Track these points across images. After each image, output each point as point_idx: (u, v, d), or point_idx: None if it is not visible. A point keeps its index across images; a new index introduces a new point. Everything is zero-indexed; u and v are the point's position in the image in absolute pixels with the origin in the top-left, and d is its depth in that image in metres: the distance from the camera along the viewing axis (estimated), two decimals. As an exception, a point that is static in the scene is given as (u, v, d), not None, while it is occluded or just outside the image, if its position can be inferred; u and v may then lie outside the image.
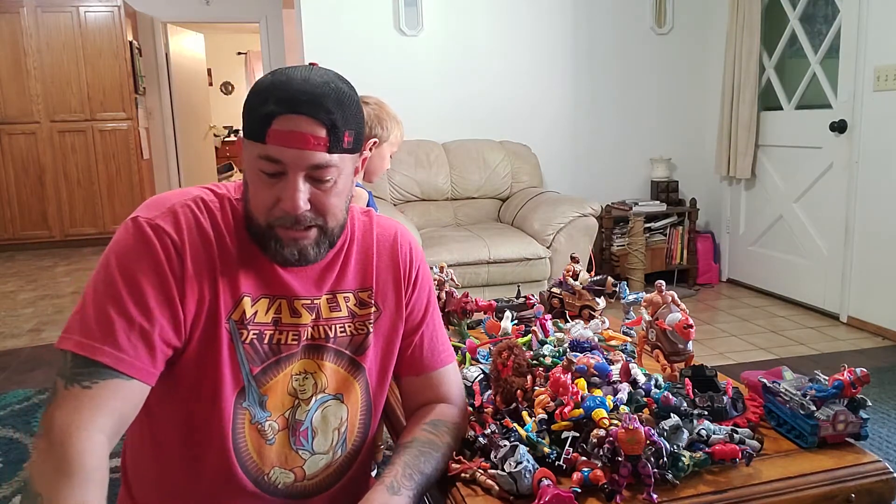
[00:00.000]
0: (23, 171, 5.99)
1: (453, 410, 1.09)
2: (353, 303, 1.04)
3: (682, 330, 1.22)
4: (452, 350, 1.17)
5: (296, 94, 0.87)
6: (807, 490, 0.99)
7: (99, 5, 5.91)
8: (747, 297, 4.18)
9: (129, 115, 6.11)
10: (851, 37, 3.44)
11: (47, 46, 5.87)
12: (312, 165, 0.89)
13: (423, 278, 1.13)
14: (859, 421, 1.07)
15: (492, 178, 4.11)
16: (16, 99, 5.89)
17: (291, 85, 0.88)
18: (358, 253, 1.06)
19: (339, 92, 0.90)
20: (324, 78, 0.90)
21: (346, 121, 0.90)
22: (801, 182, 3.86)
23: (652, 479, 0.94)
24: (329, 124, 0.88)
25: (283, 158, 0.88)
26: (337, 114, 0.89)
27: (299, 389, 1.00)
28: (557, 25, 4.32)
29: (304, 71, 0.91)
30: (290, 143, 0.87)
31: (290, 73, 0.90)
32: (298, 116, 0.87)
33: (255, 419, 0.97)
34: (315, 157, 0.88)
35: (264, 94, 0.88)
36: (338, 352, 1.03)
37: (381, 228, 1.10)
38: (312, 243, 0.94)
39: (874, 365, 2.96)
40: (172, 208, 0.93)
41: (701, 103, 4.57)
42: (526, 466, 0.96)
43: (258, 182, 0.91)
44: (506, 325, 1.55)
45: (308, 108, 0.87)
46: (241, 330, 0.95)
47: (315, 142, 0.88)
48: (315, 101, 0.88)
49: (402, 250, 1.10)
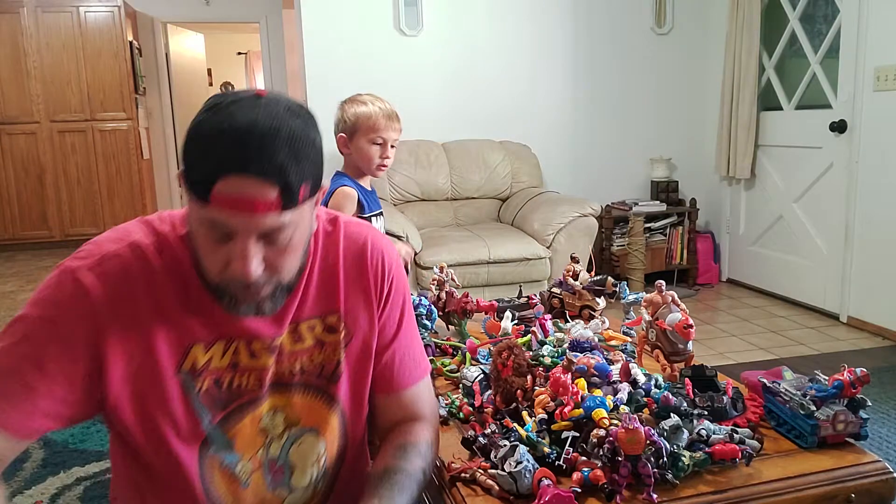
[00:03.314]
0: (23, 171, 5.99)
1: (425, 430, 1.03)
2: (319, 330, 0.95)
3: (682, 330, 1.23)
4: (427, 362, 1.10)
5: (241, 147, 0.75)
6: (807, 490, 0.99)
7: (99, 5, 5.91)
8: (747, 297, 4.18)
9: (129, 115, 6.11)
10: (851, 37, 3.44)
11: (47, 46, 5.87)
12: (263, 231, 0.79)
13: (397, 288, 1.02)
14: (859, 421, 1.07)
15: (492, 178, 4.11)
16: (16, 99, 5.89)
17: (235, 134, 0.75)
18: (322, 273, 0.96)
19: (293, 136, 0.77)
20: (273, 119, 0.77)
21: (301, 172, 0.78)
22: (801, 182, 3.86)
23: (652, 479, 0.94)
24: (282, 184, 0.76)
25: (230, 224, 0.77)
26: (291, 167, 0.77)
27: (270, 426, 0.93)
28: (557, 25, 4.32)
29: (249, 109, 0.77)
30: (236, 208, 0.76)
31: (233, 116, 0.76)
32: (245, 178, 0.75)
33: (225, 464, 0.90)
34: (266, 220, 0.78)
35: (204, 145, 0.76)
36: (307, 384, 0.95)
37: (348, 240, 0.99)
38: (268, 298, 0.85)
39: (874, 365, 2.96)
40: (102, 259, 0.83)
41: (701, 103, 4.57)
42: (526, 466, 0.96)
43: (205, 243, 0.81)
44: (506, 325, 1.55)
45: (256, 166, 0.75)
46: (195, 380, 0.87)
47: (265, 205, 0.76)
48: (264, 155, 0.75)
49: (373, 261, 0.99)
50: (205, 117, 0.78)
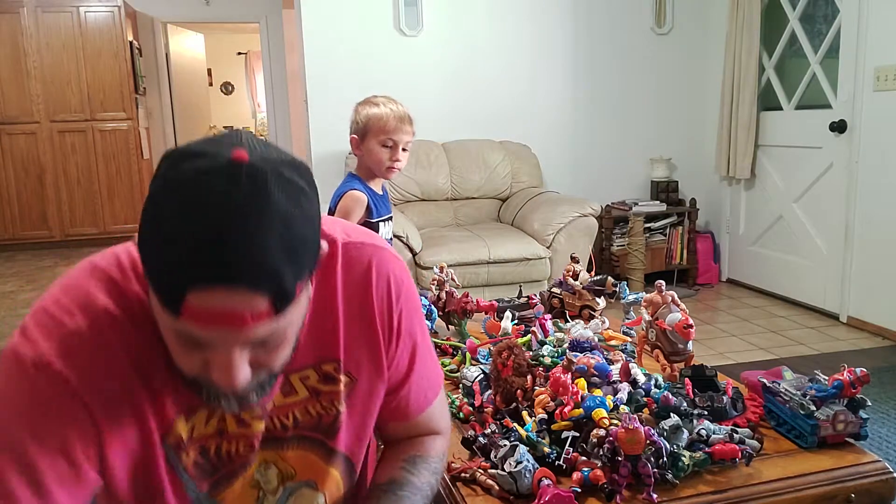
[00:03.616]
0: (23, 171, 5.99)
1: (438, 442, 0.95)
2: (313, 380, 0.82)
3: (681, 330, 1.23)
4: (440, 374, 0.98)
5: (218, 254, 0.57)
6: (806, 490, 0.99)
7: (99, 5, 5.91)
8: (747, 297, 4.18)
9: (130, 115, 6.11)
10: (851, 37, 3.44)
11: (47, 46, 5.87)
12: (251, 340, 0.64)
13: (408, 315, 0.87)
14: (859, 421, 1.07)
15: (492, 178, 4.11)
16: (16, 99, 5.89)
17: (210, 235, 0.57)
18: (316, 315, 0.80)
19: (288, 227, 0.60)
20: (262, 207, 0.58)
21: (298, 270, 0.62)
22: (800, 182, 3.86)
23: (652, 479, 0.94)
24: (275, 291, 0.61)
25: (208, 338, 0.63)
26: (286, 269, 0.60)
27: (263, 481, 0.83)
28: (557, 25, 4.32)
29: (226, 192, 0.58)
30: (216, 323, 0.60)
31: (205, 205, 0.57)
32: (226, 289, 0.59)
33: None
34: (254, 331, 0.62)
35: (168, 246, 0.58)
36: (302, 437, 0.83)
37: (347, 268, 0.82)
38: (255, 388, 0.71)
39: (874, 365, 2.96)
40: (65, 338, 0.68)
41: (701, 103, 4.57)
42: (526, 466, 0.96)
43: (174, 346, 0.67)
44: (506, 325, 1.55)
45: (241, 276, 0.58)
46: (180, 454, 0.76)
47: (254, 317, 0.61)
48: (250, 261, 0.58)
49: (378, 291, 0.83)
50: (164, 200, 0.59)
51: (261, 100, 10.06)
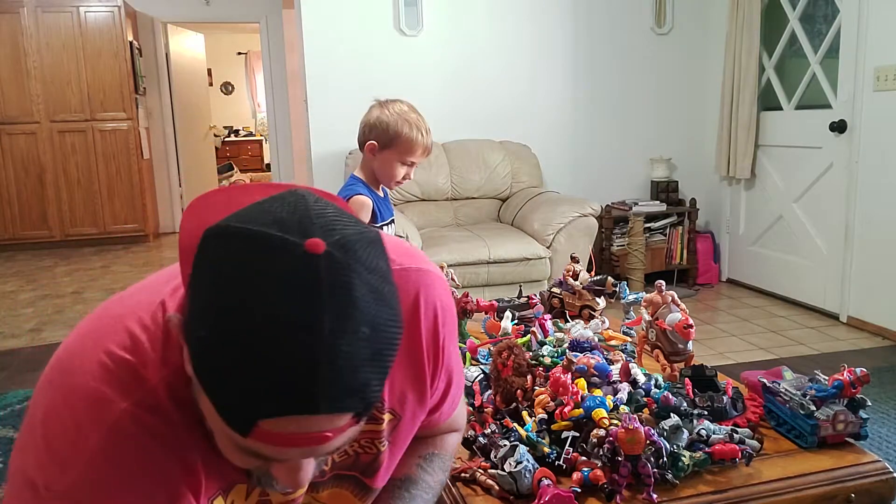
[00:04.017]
0: (23, 171, 5.99)
1: (454, 439, 0.95)
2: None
3: (682, 330, 1.23)
4: (462, 375, 0.94)
5: (304, 383, 0.50)
6: (807, 490, 0.99)
7: (99, 5, 5.91)
8: (747, 297, 4.18)
9: (130, 115, 6.11)
10: (851, 37, 3.43)
11: (47, 46, 5.87)
12: (328, 451, 0.58)
13: (450, 341, 0.82)
14: (859, 421, 1.07)
15: (492, 178, 4.11)
16: (16, 99, 5.89)
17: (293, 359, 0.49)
18: None
19: (376, 327, 0.53)
20: (349, 304, 0.51)
21: (385, 372, 0.55)
22: (800, 182, 3.86)
23: (652, 479, 0.94)
24: (360, 407, 0.54)
25: (279, 457, 0.57)
26: (374, 384, 0.54)
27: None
28: (557, 25, 4.32)
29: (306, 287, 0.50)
30: (290, 445, 0.54)
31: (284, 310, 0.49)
32: (309, 418, 0.52)
33: None
34: (333, 445, 0.56)
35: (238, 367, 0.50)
36: (339, 476, 0.79)
37: None
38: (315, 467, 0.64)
39: (874, 365, 2.96)
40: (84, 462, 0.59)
41: (701, 103, 4.57)
42: (526, 466, 0.96)
43: (230, 446, 0.58)
44: (506, 325, 1.55)
45: (331, 404, 0.51)
46: None
47: (336, 432, 0.54)
48: (339, 387, 0.51)
49: (427, 324, 0.77)
50: (227, 314, 0.50)
51: (261, 100, 10.07)
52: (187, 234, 0.58)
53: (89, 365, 0.61)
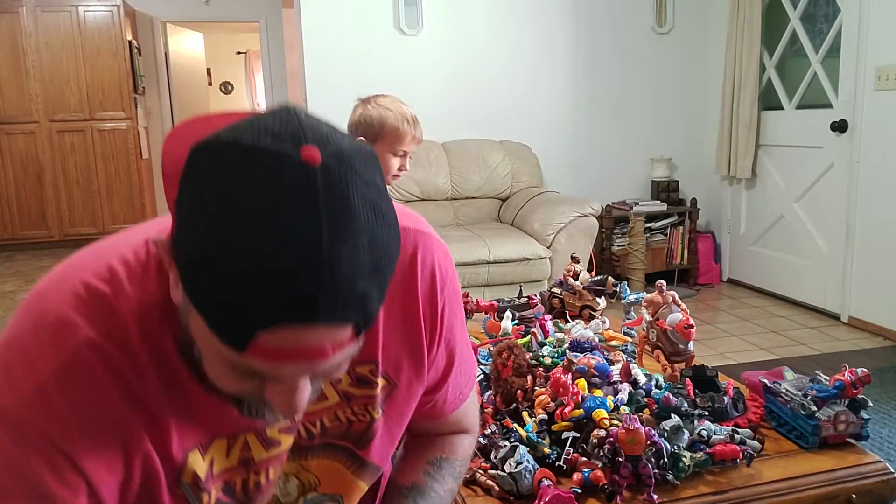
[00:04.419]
0: (22, 171, 5.99)
1: (465, 443, 0.88)
2: (346, 383, 0.73)
3: (682, 330, 1.22)
4: (475, 366, 0.89)
5: (302, 289, 0.48)
6: (808, 490, 0.99)
7: (98, 5, 5.90)
8: (748, 297, 4.17)
9: (129, 115, 6.11)
10: (852, 36, 3.43)
11: (46, 46, 5.86)
12: (326, 371, 0.56)
13: (451, 306, 0.78)
14: (860, 421, 1.06)
15: (492, 178, 4.10)
16: (15, 98, 5.88)
17: (291, 265, 0.47)
18: None
19: (374, 238, 0.51)
20: (346, 214, 0.49)
21: (384, 287, 0.54)
22: (801, 182, 3.85)
23: (652, 480, 0.94)
24: (361, 319, 0.53)
25: (276, 375, 0.54)
26: (374, 295, 0.52)
27: (281, 493, 0.75)
28: (557, 25, 4.31)
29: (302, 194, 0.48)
30: (289, 360, 0.52)
31: (280, 217, 0.47)
32: (308, 327, 0.50)
33: None
34: (331, 362, 0.54)
35: (231, 274, 0.48)
36: (329, 445, 0.74)
37: None
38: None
39: (875, 365, 2.95)
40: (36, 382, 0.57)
41: (701, 103, 4.56)
42: (526, 467, 0.96)
43: (223, 368, 0.56)
44: (506, 325, 1.55)
45: (330, 313, 0.49)
46: (200, 495, 0.66)
47: (335, 347, 0.53)
48: (339, 294, 0.49)
49: (424, 286, 0.74)
50: (218, 223, 0.48)
51: (260, 99, 10.06)
52: (171, 158, 0.56)
53: (64, 294, 0.60)
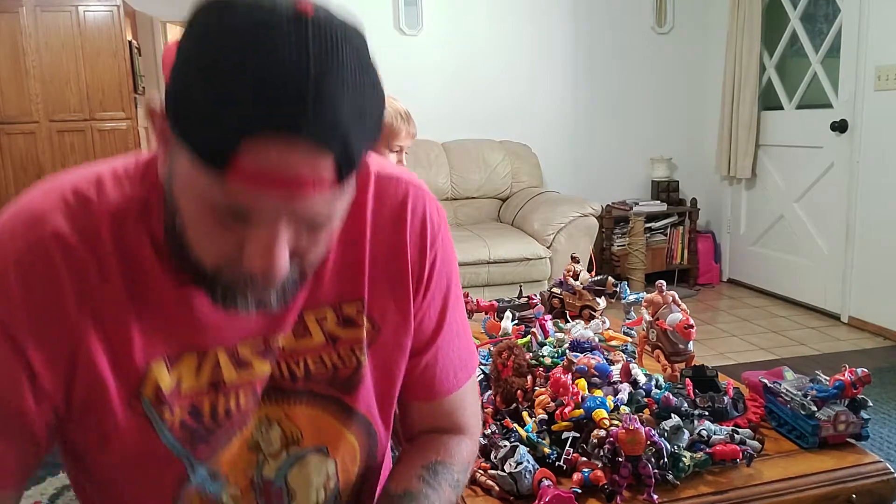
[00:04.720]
0: (21, 171, 5.99)
1: (463, 448, 0.81)
2: (331, 323, 0.71)
3: (682, 330, 1.22)
4: (475, 355, 0.86)
5: (288, 95, 0.49)
6: (808, 490, 0.98)
7: (98, 5, 5.91)
8: (748, 297, 4.17)
9: (129, 115, 6.11)
10: (852, 36, 3.43)
11: (46, 46, 5.86)
12: (302, 216, 0.55)
13: (443, 262, 0.77)
14: (860, 421, 1.06)
15: (492, 178, 4.11)
16: (15, 98, 5.88)
17: (282, 77, 0.49)
18: (340, 246, 0.70)
19: (358, 82, 0.53)
20: (333, 56, 0.51)
21: (365, 133, 0.54)
22: (801, 182, 3.85)
23: (652, 480, 0.94)
24: (340, 153, 0.53)
25: (255, 206, 0.53)
26: (354, 128, 0.53)
27: (263, 442, 0.71)
28: (557, 25, 4.31)
29: (295, 40, 0.50)
30: (271, 185, 0.52)
31: (274, 48, 0.49)
32: (289, 142, 0.50)
33: (208, 493, 0.70)
34: (311, 204, 0.54)
35: (225, 80, 0.49)
36: (314, 393, 0.72)
37: (379, 201, 0.72)
38: (279, 290, 0.61)
39: (875, 365, 2.95)
40: (4, 274, 0.59)
41: (701, 103, 4.56)
42: (526, 467, 0.96)
43: (200, 222, 0.56)
44: (506, 325, 1.55)
45: (311, 126, 0.50)
46: (162, 412, 0.64)
47: (315, 184, 0.53)
48: (323, 111, 0.50)
49: (413, 230, 0.73)
50: (216, 48, 0.50)
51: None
52: (170, 51, 0.63)
53: (49, 194, 0.62)
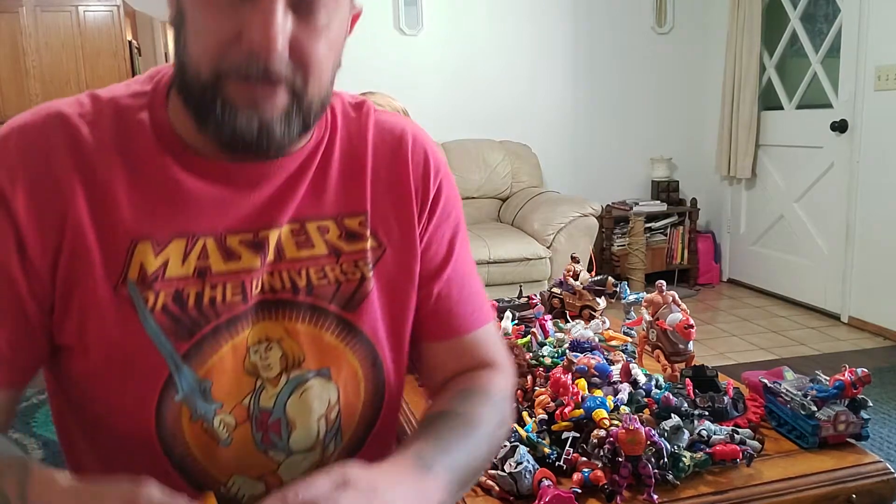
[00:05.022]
0: (22, 171, 6.00)
1: (498, 377, 0.75)
2: (334, 235, 0.70)
3: (682, 330, 1.22)
4: (491, 309, 0.82)
5: None
6: (808, 490, 0.98)
7: (98, 5, 5.91)
8: (748, 297, 4.17)
9: (129, 115, 6.11)
10: (852, 36, 3.43)
11: (46, 46, 5.87)
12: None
13: (448, 198, 0.76)
14: (860, 421, 1.06)
15: (492, 178, 4.11)
16: (15, 98, 5.88)
17: None
18: (342, 159, 0.71)
19: None
20: None
21: None
22: (801, 182, 3.85)
23: (652, 480, 0.94)
24: None
25: None
26: None
27: (261, 365, 0.68)
28: (557, 25, 4.31)
29: None
30: None
31: None
32: None
33: (198, 414, 0.65)
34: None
35: None
36: (316, 308, 0.69)
37: (379, 129, 0.74)
38: (280, 115, 0.60)
39: (875, 365, 2.95)
40: (12, 130, 0.64)
41: (701, 103, 4.56)
42: (526, 467, 0.96)
43: (201, 10, 0.59)
44: (506, 325, 1.55)
45: None
46: (145, 293, 0.62)
47: None
48: None
49: (415, 156, 0.74)
50: None
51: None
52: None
53: (68, 98, 0.68)
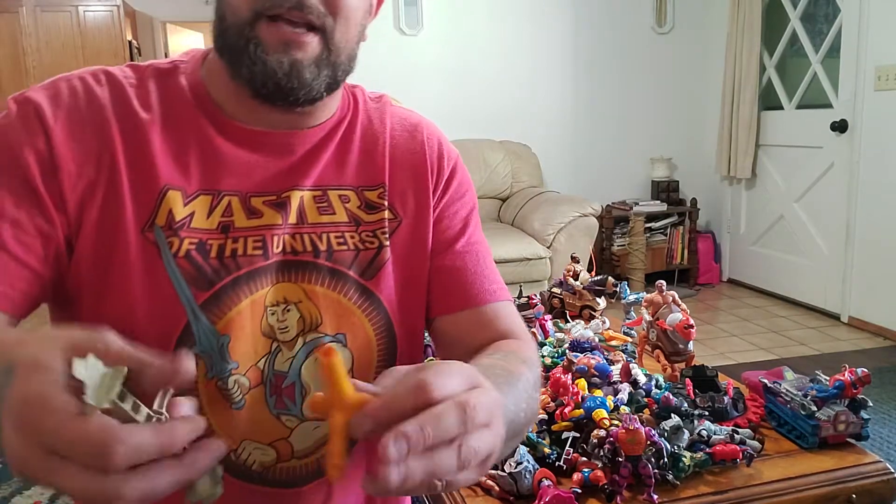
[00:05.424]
0: (23, 171, 5.99)
1: (522, 345, 0.73)
2: (354, 205, 0.73)
3: (682, 330, 1.22)
4: (507, 290, 0.81)
5: None
6: (808, 490, 0.98)
7: (98, 5, 5.91)
8: (748, 297, 4.17)
9: (129, 115, 6.11)
10: (852, 36, 3.43)
11: (47, 46, 5.86)
12: None
13: (461, 182, 0.81)
14: (860, 421, 1.06)
15: (492, 178, 4.11)
16: (16, 99, 5.89)
17: None
18: (363, 136, 0.76)
19: None
20: None
21: None
22: (801, 182, 3.85)
23: (652, 480, 0.94)
24: None
25: None
26: None
27: (278, 327, 0.68)
28: (558, 25, 4.31)
29: None
30: None
31: None
32: None
33: (214, 372, 0.65)
34: None
35: None
36: (335, 272, 0.70)
37: (396, 118, 0.81)
38: (310, 60, 0.65)
39: (875, 365, 2.96)
40: (55, 81, 0.68)
41: (701, 103, 4.56)
42: (526, 467, 0.96)
43: None
44: (506, 325, 1.54)
45: None
46: (172, 238, 0.64)
47: None
48: None
49: (430, 141, 0.81)
50: None
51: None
52: None
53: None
